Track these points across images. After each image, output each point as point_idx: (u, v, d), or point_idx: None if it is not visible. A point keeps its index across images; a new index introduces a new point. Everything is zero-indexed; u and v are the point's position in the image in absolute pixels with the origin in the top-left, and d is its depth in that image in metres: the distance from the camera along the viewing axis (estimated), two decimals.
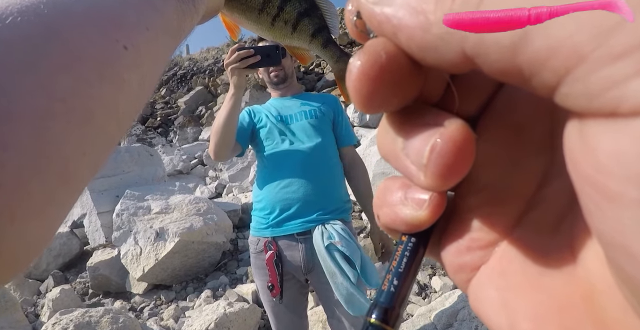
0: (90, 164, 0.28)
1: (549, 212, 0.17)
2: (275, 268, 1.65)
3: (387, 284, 0.19)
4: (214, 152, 1.68)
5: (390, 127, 0.18)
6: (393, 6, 0.15)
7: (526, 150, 0.18)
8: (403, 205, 0.18)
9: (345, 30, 9.93)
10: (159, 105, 10.57)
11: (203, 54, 12.61)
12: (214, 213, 3.94)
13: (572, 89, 0.12)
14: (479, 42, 0.13)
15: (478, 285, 0.18)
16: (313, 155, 1.70)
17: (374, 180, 3.71)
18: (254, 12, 0.71)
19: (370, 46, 0.16)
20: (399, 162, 0.18)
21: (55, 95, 0.24)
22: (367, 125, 5.85)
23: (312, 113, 1.77)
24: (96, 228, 4.28)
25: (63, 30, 0.26)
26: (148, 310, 3.39)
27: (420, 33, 0.15)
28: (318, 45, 0.81)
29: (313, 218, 1.66)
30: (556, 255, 0.16)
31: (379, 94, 0.16)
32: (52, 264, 4.22)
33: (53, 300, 3.35)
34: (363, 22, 0.17)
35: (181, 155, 6.93)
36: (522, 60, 0.12)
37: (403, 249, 0.19)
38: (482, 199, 0.19)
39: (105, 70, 0.28)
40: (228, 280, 3.62)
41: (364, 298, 1.52)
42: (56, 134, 0.24)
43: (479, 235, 0.19)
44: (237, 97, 1.60)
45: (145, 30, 0.33)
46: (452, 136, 0.16)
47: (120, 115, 0.30)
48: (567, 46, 0.11)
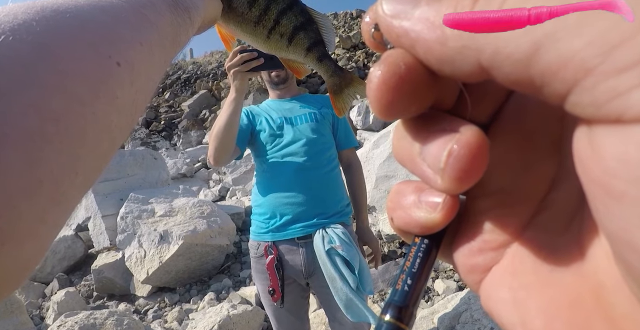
0: (82, 183, 0.28)
1: (558, 213, 0.18)
2: (276, 272, 1.64)
3: (401, 283, 0.19)
4: (213, 157, 1.64)
5: (407, 132, 0.19)
6: (411, 20, 0.16)
7: (536, 154, 0.19)
8: (417, 208, 0.19)
9: (348, 34, 9.95)
10: (162, 108, 10.61)
11: (207, 58, 12.66)
12: (217, 216, 3.96)
13: (581, 98, 0.13)
14: (494, 55, 0.14)
15: (490, 285, 0.19)
16: (313, 159, 1.69)
17: (376, 183, 3.71)
18: (250, 24, 0.71)
19: (390, 57, 0.17)
20: (415, 166, 0.19)
21: (48, 116, 0.24)
22: (370, 129, 5.86)
23: (311, 116, 1.76)
24: (100, 231, 4.31)
25: (55, 48, 0.26)
26: (152, 312, 3.41)
27: (438, 46, 0.15)
28: (313, 59, 0.82)
29: (313, 222, 1.65)
30: (565, 254, 0.17)
31: (398, 102, 0.17)
32: (57, 267, 4.25)
33: (58, 303, 3.37)
34: (380, 34, 0.18)
35: (185, 159, 6.96)
36: (534, 71, 0.13)
37: (416, 250, 0.20)
38: (494, 202, 0.19)
39: (98, 87, 0.27)
40: (231, 283, 3.63)
41: (362, 304, 1.51)
42: (48, 155, 0.24)
43: (491, 236, 0.19)
44: (238, 101, 1.54)
45: (139, 46, 0.32)
46: (468, 141, 0.17)
47: (113, 132, 0.30)
48: (576, 60, 0.12)
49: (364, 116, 6.04)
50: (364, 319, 1.53)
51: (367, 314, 1.51)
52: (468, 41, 0.15)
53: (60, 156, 0.24)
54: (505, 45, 0.14)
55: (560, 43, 0.12)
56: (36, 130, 0.23)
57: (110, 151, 0.30)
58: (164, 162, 5.30)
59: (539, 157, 0.19)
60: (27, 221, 0.23)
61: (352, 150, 1.90)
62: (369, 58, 9.34)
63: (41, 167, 0.23)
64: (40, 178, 0.23)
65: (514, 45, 0.13)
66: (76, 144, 0.26)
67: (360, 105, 6.11)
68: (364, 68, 9.16)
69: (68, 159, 0.25)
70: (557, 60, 0.13)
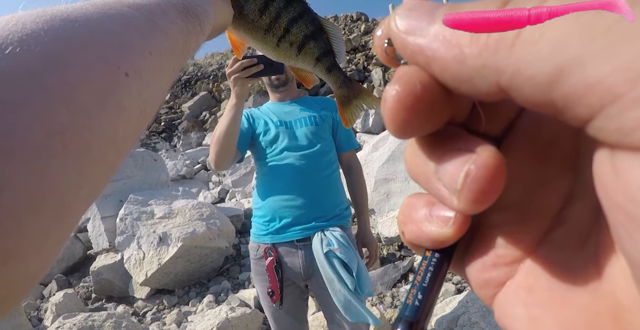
0: (87, 196, 0.27)
1: (574, 230, 0.18)
2: (275, 274, 1.65)
3: (411, 298, 0.19)
4: (214, 162, 1.65)
5: (421, 150, 0.19)
6: (427, 37, 0.16)
7: (551, 169, 0.18)
8: (428, 223, 0.19)
9: (348, 37, 9.96)
10: (163, 110, 10.62)
11: (207, 60, 12.67)
12: (216, 218, 3.96)
13: (606, 124, 0.12)
14: (514, 76, 0.14)
15: (504, 300, 0.19)
16: (313, 162, 1.70)
17: (375, 186, 3.71)
18: (260, 32, 0.71)
19: (405, 76, 0.17)
20: (430, 184, 0.18)
21: (54, 129, 0.23)
22: (370, 131, 5.86)
23: (312, 120, 1.77)
24: (100, 232, 4.30)
25: (63, 59, 0.25)
26: (151, 314, 3.40)
27: (456, 65, 0.15)
28: (322, 69, 0.82)
29: (312, 225, 1.66)
30: (582, 272, 0.16)
31: (414, 122, 0.17)
32: (55, 268, 4.24)
33: (56, 305, 3.37)
34: (393, 49, 0.18)
35: (185, 160, 6.96)
36: (557, 95, 0.13)
37: (427, 264, 0.19)
38: (507, 217, 0.19)
39: (105, 99, 0.27)
40: (230, 285, 3.63)
41: (361, 305, 1.53)
42: (53, 170, 0.23)
43: (504, 251, 0.19)
44: (238, 107, 1.56)
45: (148, 55, 0.32)
46: (485, 163, 0.16)
47: (119, 143, 0.29)
48: (603, 85, 0.12)
49: (363, 119, 6.05)
50: (362, 319, 1.55)
51: (366, 314, 1.53)
52: (487, 61, 0.14)
53: (65, 170, 0.24)
54: (527, 67, 0.13)
55: (587, 67, 0.12)
56: (42, 144, 0.23)
57: (115, 163, 0.30)
58: (163, 163, 5.30)
59: (553, 171, 0.18)
60: (30, 238, 0.23)
61: (352, 152, 1.90)
62: (369, 61, 9.35)
63: (46, 182, 0.23)
64: (44, 194, 0.23)
65: (537, 67, 0.13)
66: (82, 157, 0.25)
67: None
68: (364, 71, 9.16)
69: (73, 173, 0.25)
70: (583, 85, 0.12)
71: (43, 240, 0.24)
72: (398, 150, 3.76)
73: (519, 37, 0.14)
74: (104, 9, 0.32)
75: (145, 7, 0.35)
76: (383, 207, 3.73)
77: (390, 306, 2.94)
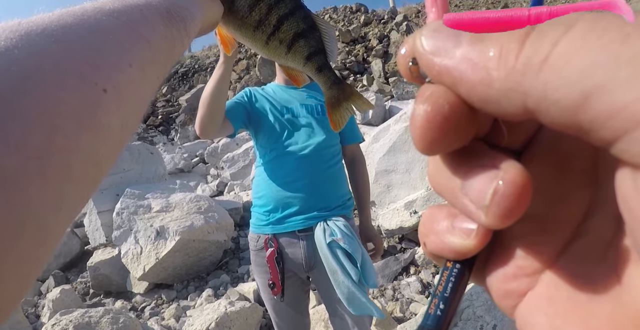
0: (67, 216, 0.26)
1: (594, 241, 0.18)
2: (276, 266, 1.60)
3: (433, 307, 0.19)
4: (199, 128, 1.57)
5: (446, 166, 0.19)
6: (453, 59, 0.16)
7: (571, 181, 0.19)
8: (450, 234, 0.19)
9: (348, 28, 9.87)
10: (160, 103, 10.56)
11: (205, 52, 12.59)
12: (215, 211, 3.91)
13: (630, 146, 0.13)
14: (541, 100, 0.14)
15: (526, 311, 0.19)
16: (316, 151, 1.64)
17: (376, 178, 3.66)
18: (250, 29, 0.69)
19: (433, 96, 0.17)
20: (456, 199, 0.19)
21: (30, 154, 0.23)
22: (370, 123, 5.80)
23: (317, 108, 1.70)
24: (96, 227, 4.25)
25: (38, 80, 0.24)
26: (149, 309, 3.36)
27: (483, 87, 0.16)
28: (312, 69, 0.79)
29: (314, 215, 1.61)
30: (603, 282, 0.17)
31: (441, 140, 0.17)
32: (52, 264, 4.20)
33: (53, 301, 3.32)
34: (417, 68, 0.18)
35: (182, 154, 6.90)
36: (582, 118, 0.14)
37: (448, 274, 0.20)
38: (527, 229, 0.19)
39: (82, 118, 0.26)
40: (229, 279, 3.59)
41: (365, 297, 1.48)
42: (31, 195, 0.22)
43: (525, 262, 0.19)
44: (226, 66, 1.48)
45: (127, 67, 0.31)
46: (513, 180, 0.17)
47: (100, 160, 0.28)
48: (627, 112, 0.12)
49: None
50: (366, 312, 1.50)
51: (370, 306, 1.48)
52: (514, 84, 0.15)
53: (44, 194, 0.23)
54: (554, 92, 0.14)
55: (612, 94, 0.13)
56: (18, 169, 0.22)
57: (97, 179, 0.29)
58: (160, 157, 5.24)
59: (573, 183, 0.19)
60: (9, 264, 0.22)
61: (356, 145, 1.85)
62: (369, 52, 9.28)
63: (23, 208, 0.22)
64: (22, 220, 0.22)
65: (563, 92, 0.14)
66: (60, 179, 0.25)
67: None
68: (364, 62, 9.09)
69: (52, 195, 0.24)
70: (607, 110, 0.13)
71: (22, 266, 0.23)
72: (399, 141, 3.70)
73: (546, 63, 0.14)
74: (83, 19, 0.30)
75: (126, 15, 0.34)
76: (384, 199, 3.68)
77: (391, 299, 2.90)
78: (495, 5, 10.07)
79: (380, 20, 10.32)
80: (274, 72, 1.81)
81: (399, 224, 3.35)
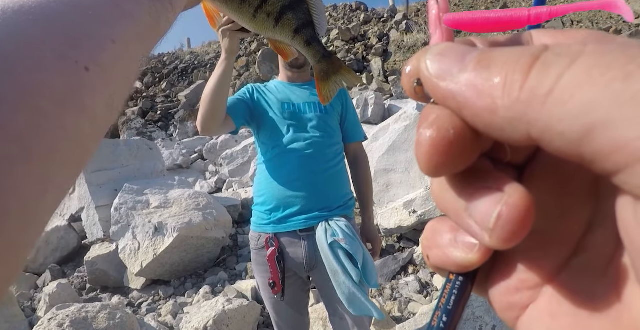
0: (53, 199, 0.26)
1: (595, 257, 0.18)
2: (277, 265, 1.59)
3: (436, 320, 0.20)
4: (200, 124, 1.55)
5: (451, 188, 0.19)
6: (458, 84, 0.17)
7: (572, 197, 0.19)
8: (454, 248, 0.20)
9: (348, 26, 9.85)
10: (159, 99, 10.52)
11: (204, 48, 12.54)
12: (213, 208, 3.90)
13: (631, 179, 0.13)
14: (545, 131, 0.14)
15: (528, 324, 0.19)
16: (318, 151, 1.63)
17: (375, 177, 3.65)
18: (236, 2, 0.67)
19: (438, 121, 0.17)
20: (461, 220, 0.19)
21: (11, 137, 0.22)
22: (369, 122, 5.80)
23: (320, 107, 1.68)
24: (94, 222, 4.24)
25: (16, 61, 0.24)
26: (146, 305, 3.35)
27: (487, 115, 0.16)
28: (301, 42, 0.78)
29: (316, 215, 1.60)
30: (603, 298, 0.17)
31: (447, 163, 0.18)
32: (49, 258, 4.18)
33: (50, 295, 3.31)
34: (422, 89, 0.18)
35: (181, 150, 6.88)
36: (585, 150, 0.14)
37: (451, 287, 0.20)
38: (529, 243, 0.19)
39: (65, 99, 0.25)
40: (227, 276, 3.58)
41: (365, 298, 1.48)
42: (14, 178, 0.22)
43: (527, 276, 0.20)
44: (228, 62, 1.46)
45: (111, 44, 0.29)
46: (516, 204, 0.17)
47: (86, 142, 0.28)
48: (629, 148, 0.13)
49: (362, 109, 5.97)
50: (366, 312, 1.49)
51: (370, 307, 1.47)
52: (519, 114, 0.15)
53: (28, 178, 0.23)
54: (558, 124, 0.14)
55: (614, 130, 0.13)
56: (0, 152, 0.21)
57: (83, 161, 0.28)
58: (159, 152, 5.22)
59: (574, 200, 0.19)
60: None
61: (359, 144, 1.84)
62: (368, 50, 9.26)
63: (7, 193, 0.22)
64: (7, 205, 0.22)
65: (567, 125, 0.14)
66: (44, 162, 0.24)
67: (359, 97, 6.04)
68: (363, 60, 9.08)
69: (36, 179, 0.24)
70: (610, 145, 0.13)
71: (9, 250, 0.23)
72: (399, 141, 3.70)
73: (551, 96, 0.14)
74: None
75: None
76: (383, 198, 3.68)
77: (389, 298, 2.90)
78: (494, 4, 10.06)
79: (380, 18, 10.31)
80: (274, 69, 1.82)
81: (397, 223, 3.35)
